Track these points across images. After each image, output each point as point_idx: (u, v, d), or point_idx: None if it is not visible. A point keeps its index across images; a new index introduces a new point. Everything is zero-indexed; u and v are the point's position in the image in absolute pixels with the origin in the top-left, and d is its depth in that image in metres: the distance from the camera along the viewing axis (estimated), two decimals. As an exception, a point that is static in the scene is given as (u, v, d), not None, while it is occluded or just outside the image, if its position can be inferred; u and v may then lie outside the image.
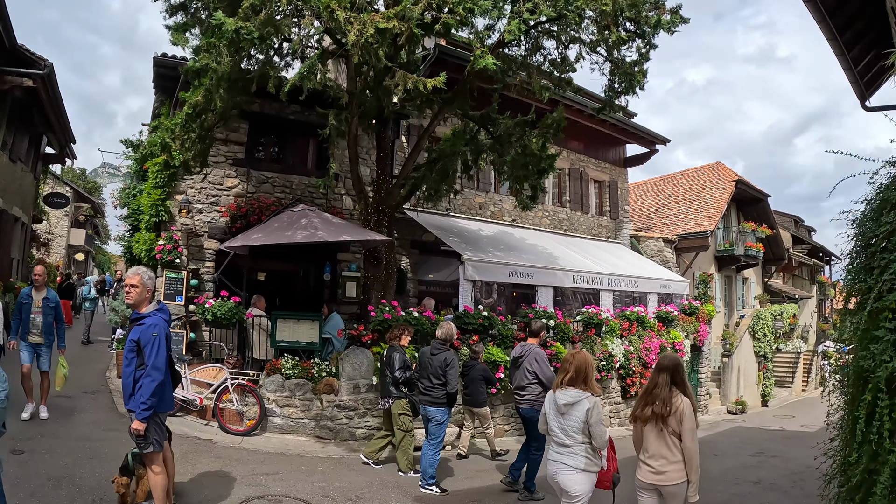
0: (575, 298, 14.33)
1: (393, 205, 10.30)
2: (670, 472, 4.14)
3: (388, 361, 7.26)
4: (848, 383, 3.32)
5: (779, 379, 23.38)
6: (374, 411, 8.86)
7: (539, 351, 7.02)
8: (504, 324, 10.81)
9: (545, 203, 16.03)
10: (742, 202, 23.44)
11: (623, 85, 9.41)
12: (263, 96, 10.71)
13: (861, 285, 3.21)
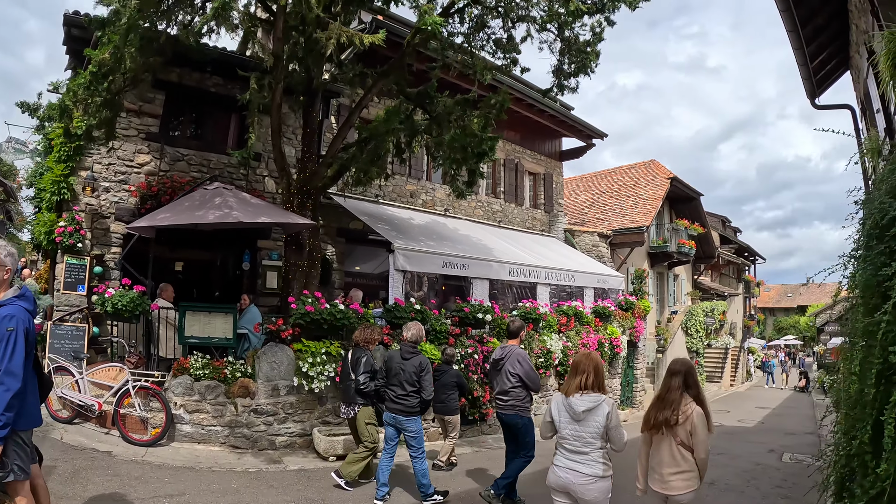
0: (509, 292, 13.92)
1: (318, 186, 9.58)
2: (676, 483, 4.14)
3: (355, 365, 6.76)
4: (852, 384, 2.92)
5: (709, 374, 23.98)
6: (296, 416, 8.25)
7: (522, 352, 6.62)
8: (437, 318, 10.29)
9: (479, 194, 15.69)
10: (675, 200, 23.88)
11: (574, 66, 9.03)
12: (183, 64, 9.89)
13: (886, 270, 2.86)
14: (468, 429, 10.30)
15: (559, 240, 18.20)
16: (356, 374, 6.67)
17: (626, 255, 19.88)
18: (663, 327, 21.09)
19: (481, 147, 9.36)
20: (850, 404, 3.30)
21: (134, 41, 7.36)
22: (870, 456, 2.79)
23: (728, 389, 26.33)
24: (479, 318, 10.77)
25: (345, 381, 6.95)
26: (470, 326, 10.77)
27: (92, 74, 7.63)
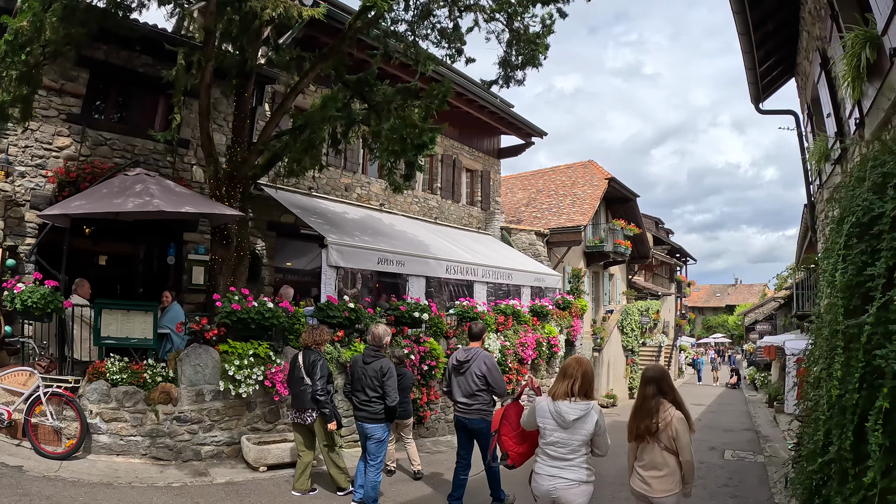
0: (446, 290, 13.78)
1: (248, 175, 9.17)
2: (659, 484, 4.17)
3: (310, 369, 6.47)
4: (833, 388, 2.85)
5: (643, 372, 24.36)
6: (223, 424, 7.84)
7: (488, 355, 6.50)
8: (372, 317, 10.00)
9: (416, 189, 15.54)
10: (611, 201, 24.27)
11: (522, 58, 8.92)
12: (110, 41, 9.31)
13: (871, 270, 2.83)
14: (405, 431, 10.15)
15: (496, 238, 18.22)
16: (313, 378, 6.39)
17: (563, 253, 20.06)
18: (600, 326, 21.40)
19: (421, 138, 9.07)
20: (818, 410, 3.23)
21: (56, 9, 6.86)
22: (850, 463, 2.76)
23: (661, 387, 26.94)
24: (415, 317, 10.59)
25: (297, 386, 6.62)
26: (406, 326, 10.56)
27: (7, 44, 6.98)
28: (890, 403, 2.56)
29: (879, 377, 2.69)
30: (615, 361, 21.22)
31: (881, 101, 4.57)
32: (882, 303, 2.72)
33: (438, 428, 11.09)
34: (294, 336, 8.75)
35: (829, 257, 3.35)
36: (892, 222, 2.83)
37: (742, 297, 65.83)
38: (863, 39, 4.50)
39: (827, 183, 7.98)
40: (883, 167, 3.04)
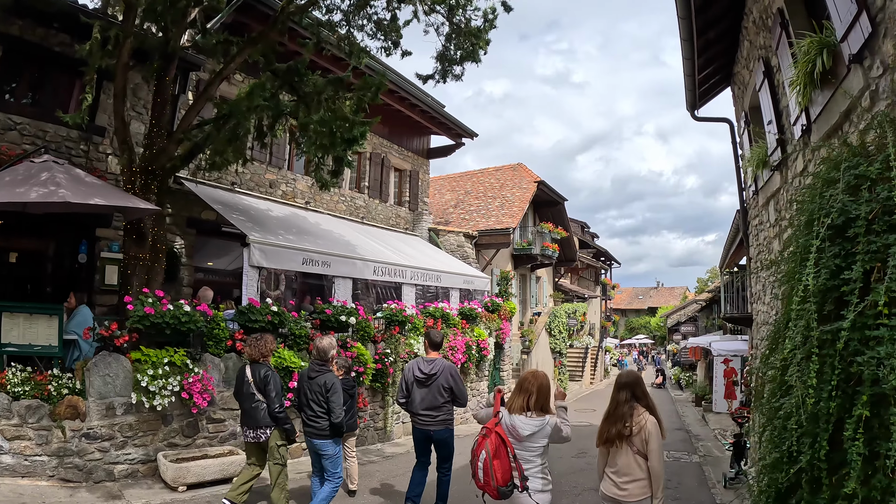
0: (373, 292, 13.59)
1: (166, 167, 8.58)
2: (632, 489, 4.19)
3: (262, 384, 6.06)
4: (808, 397, 2.83)
5: (571, 373, 24.95)
6: (137, 440, 7.29)
7: (453, 366, 6.52)
8: (297, 321, 9.67)
9: (343, 188, 15.21)
10: (539, 204, 24.61)
11: (461, 52, 8.80)
12: (25, 15, 8.59)
13: (847, 274, 2.81)
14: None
15: (424, 239, 18.12)
16: (268, 394, 6.02)
17: (492, 256, 20.15)
18: (528, 328, 21.62)
19: (352, 132, 8.75)
20: (790, 417, 3.20)
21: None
22: (825, 473, 2.73)
23: (589, 387, 27.63)
24: (341, 321, 10.26)
25: (247, 402, 6.17)
26: (332, 330, 10.19)
27: None
28: (868, 411, 2.55)
29: (857, 384, 2.68)
30: (543, 364, 21.47)
31: (833, 107, 4.70)
32: (856, 308, 2.71)
33: (367, 437, 10.84)
34: (213, 342, 8.32)
35: (795, 260, 3.33)
36: (867, 225, 2.83)
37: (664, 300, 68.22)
38: (818, 46, 4.59)
39: (763, 189, 8.24)
40: (856, 169, 3.05)
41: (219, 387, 8.22)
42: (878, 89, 3.90)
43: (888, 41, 3.64)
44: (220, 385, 8.25)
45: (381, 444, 11.02)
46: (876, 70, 3.87)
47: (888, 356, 2.54)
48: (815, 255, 2.97)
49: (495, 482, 4.16)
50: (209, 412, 8.08)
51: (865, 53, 3.98)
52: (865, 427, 2.57)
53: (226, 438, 8.28)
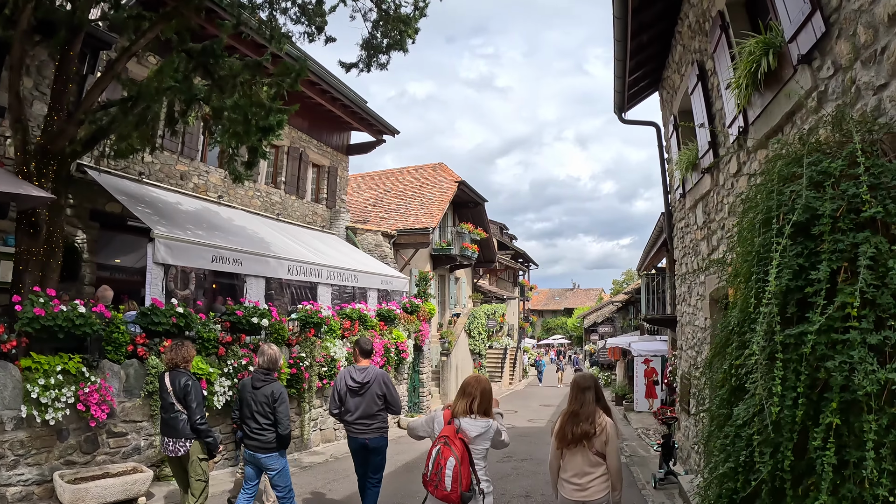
0: (288, 292, 12.95)
1: (66, 151, 7.68)
2: (595, 487, 4.35)
3: (182, 393, 5.64)
4: (773, 406, 2.63)
5: (491, 374, 24.97)
6: (30, 458, 6.48)
7: (385, 373, 6.48)
8: (205, 323, 8.99)
9: (258, 182, 14.50)
10: (459, 204, 24.51)
11: (388, 41, 8.35)
12: None
13: (815, 273, 2.66)
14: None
15: (341, 237, 17.59)
16: (189, 404, 5.62)
17: (411, 256, 19.83)
18: (447, 330, 21.40)
19: (268, 120, 8.14)
20: (748, 425, 2.98)
21: None
22: (789, 484, 2.61)
23: (508, 388, 27.79)
24: (253, 324, 9.63)
25: (167, 412, 5.75)
26: (244, 333, 9.63)
27: None
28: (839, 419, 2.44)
29: (823, 391, 2.56)
30: (463, 365, 21.33)
31: (774, 108, 4.61)
32: (823, 310, 2.56)
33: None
34: (112, 347, 7.56)
35: (749, 260, 3.14)
36: (833, 223, 2.71)
37: (580, 301, 69.86)
38: (763, 46, 4.56)
39: (692, 191, 8.23)
40: (817, 165, 2.88)
41: (119, 397, 7.50)
42: (827, 90, 3.85)
43: (842, 42, 3.60)
44: (120, 395, 7.53)
45: (297, 453, 10.47)
46: (826, 71, 3.83)
47: (861, 361, 2.42)
48: (780, 253, 2.78)
49: (462, 488, 4.10)
50: (109, 425, 7.33)
51: (815, 54, 3.96)
52: (834, 435, 2.45)
53: (129, 454, 7.56)
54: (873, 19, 3.19)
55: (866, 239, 2.58)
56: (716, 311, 7.55)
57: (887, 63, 3.11)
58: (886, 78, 3.15)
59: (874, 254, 2.55)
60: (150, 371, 7.80)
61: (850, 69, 3.52)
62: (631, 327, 30.52)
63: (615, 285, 64.36)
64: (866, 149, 2.77)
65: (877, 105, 3.24)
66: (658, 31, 8.60)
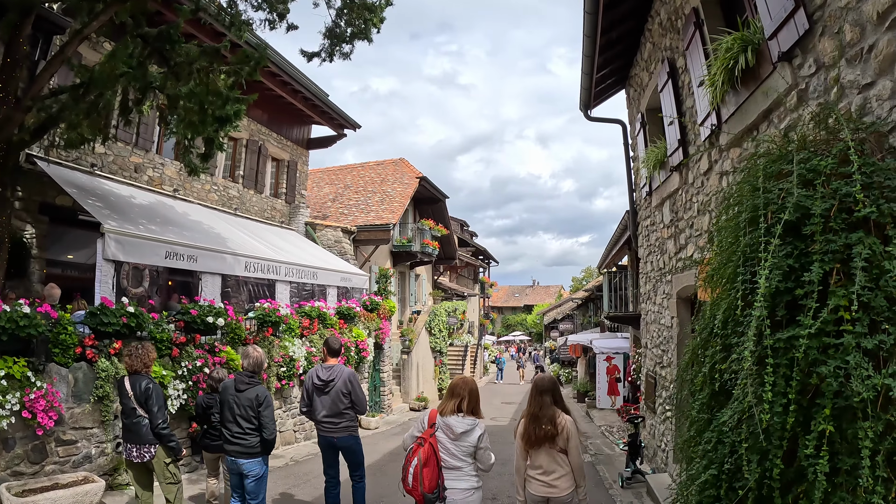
0: (245, 290, 12.59)
1: (13, 139, 7.19)
2: (561, 483, 4.60)
3: (143, 397, 5.56)
4: (763, 412, 2.57)
5: (451, 371, 24.89)
6: None
7: (352, 372, 6.54)
8: (158, 323, 8.61)
9: (216, 175, 14.04)
10: (420, 201, 24.31)
11: (352, 29, 8.08)
12: None
13: (807, 276, 2.60)
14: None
15: (300, 233, 17.26)
16: (150, 408, 5.53)
17: (371, 252, 19.60)
18: (407, 328, 21.23)
19: (225, 110, 7.77)
20: (717, 430, 2.98)
21: None
22: (777, 492, 2.56)
23: (468, 387, 27.63)
24: (209, 323, 9.29)
25: (128, 417, 5.63)
26: (199, 333, 9.25)
27: None
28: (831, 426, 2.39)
29: (815, 396, 2.50)
30: (424, 363, 21.18)
31: (750, 106, 4.57)
32: (816, 314, 2.50)
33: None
34: (60, 349, 7.12)
35: (733, 260, 3.05)
36: (824, 223, 2.63)
37: (539, 298, 70.38)
38: (741, 43, 4.50)
39: (659, 189, 8.21)
40: (807, 163, 2.81)
41: (67, 402, 7.05)
42: (808, 88, 3.81)
43: (826, 39, 3.55)
44: (68, 400, 7.08)
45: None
46: (808, 68, 3.79)
47: (857, 366, 2.36)
48: (771, 254, 2.70)
49: (423, 488, 4.43)
50: (58, 433, 6.92)
51: (796, 51, 3.92)
52: (827, 443, 2.42)
53: (79, 462, 7.14)
54: (860, 17, 3.15)
55: (860, 240, 2.52)
56: (683, 310, 7.55)
57: (875, 62, 3.06)
58: (873, 77, 3.10)
59: (869, 255, 2.50)
60: (99, 375, 7.41)
61: (833, 67, 3.48)
62: (591, 324, 30.81)
63: (574, 282, 65.05)
64: (856, 147, 2.71)
65: (862, 104, 3.20)
66: (627, 28, 8.58)
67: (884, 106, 3.01)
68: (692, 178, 6.62)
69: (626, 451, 9.00)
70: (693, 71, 5.94)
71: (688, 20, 6.01)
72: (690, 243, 6.84)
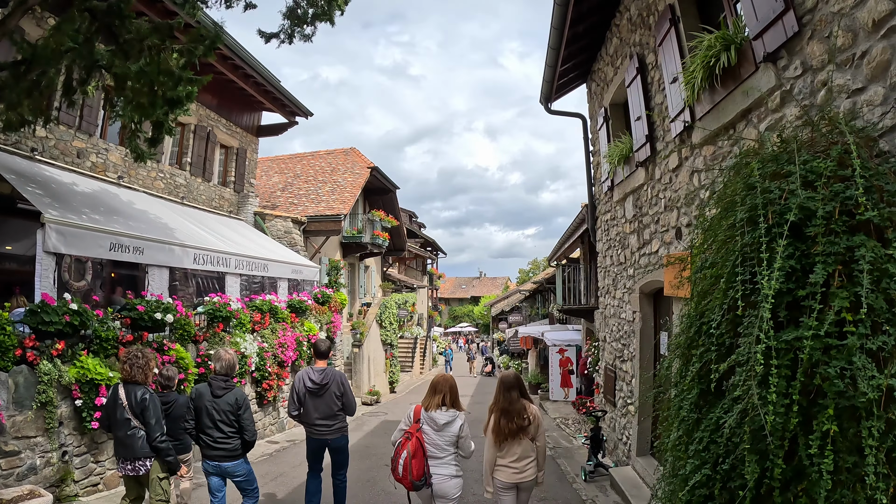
0: (193, 283, 12.17)
1: None
2: (530, 469, 5.23)
3: (139, 409, 5.36)
4: (772, 415, 2.55)
5: (402, 363, 24.91)
6: None
7: (342, 374, 6.74)
8: (103, 321, 8.08)
9: (162, 162, 13.48)
10: (370, 191, 24.11)
11: (313, 10, 7.79)
12: None
13: (813, 276, 2.61)
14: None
15: (249, 223, 16.83)
16: (147, 420, 5.33)
17: (321, 243, 19.33)
18: (358, 321, 21.02)
19: (176, 91, 7.32)
20: (710, 430, 2.99)
21: None
22: (777, 492, 2.58)
23: (419, 378, 27.80)
24: (157, 320, 8.77)
25: (122, 429, 5.40)
26: (146, 331, 8.76)
27: None
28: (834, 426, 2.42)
29: (817, 397, 2.53)
30: (375, 356, 21.01)
31: (728, 105, 4.59)
32: (820, 315, 2.53)
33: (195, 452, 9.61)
34: None
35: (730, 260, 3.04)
36: (826, 225, 2.65)
37: (486, 289, 70.84)
38: (723, 42, 4.51)
39: (622, 184, 8.27)
40: (806, 164, 2.82)
41: (8, 410, 6.48)
42: (793, 90, 3.83)
43: (815, 43, 3.58)
44: (9, 407, 6.51)
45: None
46: (794, 70, 3.81)
47: (862, 367, 2.39)
48: (779, 255, 2.71)
49: (412, 477, 5.05)
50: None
51: (782, 53, 3.95)
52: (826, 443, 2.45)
53: (24, 475, 6.56)
54: (853, 23, 3.17)
55: (863, 242, 2.56)
56: (646, 305, 7.64)
57: (867, 68, 3.09)
58: (864, 82, 3.13)
59: (872, 258, 2.54)
60: (42, 378, 6.85)
61: (821, 71, 3.51)
62: (539, 316, 31.14)
63: (521, 274, 65.65)
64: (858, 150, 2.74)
65: (851, 108, 3.23)
66: (592, 22, 8.59)
67: (875, 111, 3.05)
68: (659, 174, 6.68)
69: (587, 445, 9.08)
70: (666, 67, 5.97)
71: (662, 16, 6.03)
72: (656, 238, 6.91)
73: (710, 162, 5.18)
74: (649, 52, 6.79)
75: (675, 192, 6.17)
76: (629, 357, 8.30)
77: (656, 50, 6.35)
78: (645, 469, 7.36)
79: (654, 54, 6.52)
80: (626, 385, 8.54)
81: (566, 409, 15.87)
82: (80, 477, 7.31)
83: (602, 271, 10.20)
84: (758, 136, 4.18)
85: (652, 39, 6.55)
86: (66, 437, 7.08)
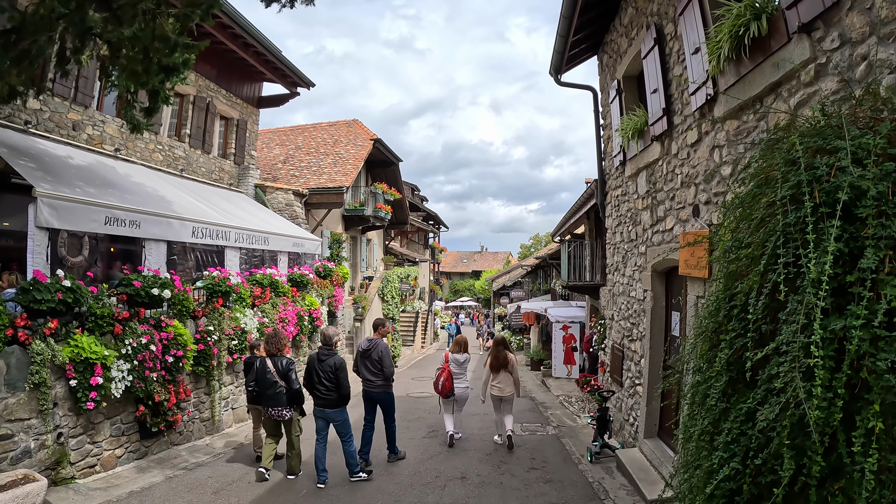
0: (192, 257, 11.87)
1: None
2: (507, 388, 9.23)
3: (285, 374, 7.56)
4: (811, 409, 2.37)
5: (404, 338, 24.75)
6: None
7: (385, 344, 8.40)
8: (98, 297, 7.76)
9: (161, 133, 13.13)
10: (373, 164, 23.76)
11: None
12: None
13: (864, 262, 2.38)
14: (153, 442, 8.46)
15: (249, 196, 16.53)
16: (290, 382, 7.53)
17: (323, 216, 19.06)
18: (360, 294, 20.82)
19: (172, 58, 6.93)
20: (741, 421, 2.82)
21: None
22: (813, 489, 2.44)
23: (420, 352, 27.64)
24: (154, 295, 8.46)
25: (271, 388, 7.56)
26: (143, 307, 8.46)
27: None
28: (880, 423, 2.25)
29: (861, 391, 2.34)
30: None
31: (756, 77, 4.28)
32: (870, 303, 2.33)
33: (194, 430, 9.50)
34: None
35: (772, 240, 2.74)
36: (877, 206, 2.42)
37: (487, 264, 70.64)
38: (753, 10, 4.22)
39: (634, 159, 7.96)
40: (854, 140, 2.56)
41: (0, 392, 6.27)
42: (828, 63, 3.55)
43: (855, 14, 3.30)
44: (1, 389, 6.28)
45: (209, 437, 9.73)
46: (830, 43, 3.53)
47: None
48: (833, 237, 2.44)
49: (445, 390, 9.34)
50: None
51: (818, 24, 3.66)
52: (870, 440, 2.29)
53: (18, 458, 6.35)
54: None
55: (920, 226, 2.30)
56: (658, 284, 7.37)
57: (913, 43, 2.79)
58: (910, 58, 2.84)
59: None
60: (34, 359, 6.56)
61: (861, 44, 3.23)
62: (541, 291, 30.90)
63: (523, 249, 65.39)
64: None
65: (893, 84, 2.95)
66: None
67: (921, 89, 2.76)
68: (676, 149, 6.36)
69: (592, 426, 8.86)
70: (687, 37, 5.62)
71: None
72: (670, 216, 6.62)
73: (733, 137, 4.87)
74: (668, 22, 6.42)
75: (693, 167, 5.86)
76: (638, 336, 8.05)
77: (676, 20, 6.00)
78: (653, 451, 7.15)
79: (674, 24, 6.16)
80: (634, 365, 8.30)
81: (569, 385, 15.69)
82: (77, 459, 7.13)
83: (611, 248, 9.92)
84: (788, 110, 3.87)
85: (672, 9, 6.19)
86: (61, 418, 6.87)
